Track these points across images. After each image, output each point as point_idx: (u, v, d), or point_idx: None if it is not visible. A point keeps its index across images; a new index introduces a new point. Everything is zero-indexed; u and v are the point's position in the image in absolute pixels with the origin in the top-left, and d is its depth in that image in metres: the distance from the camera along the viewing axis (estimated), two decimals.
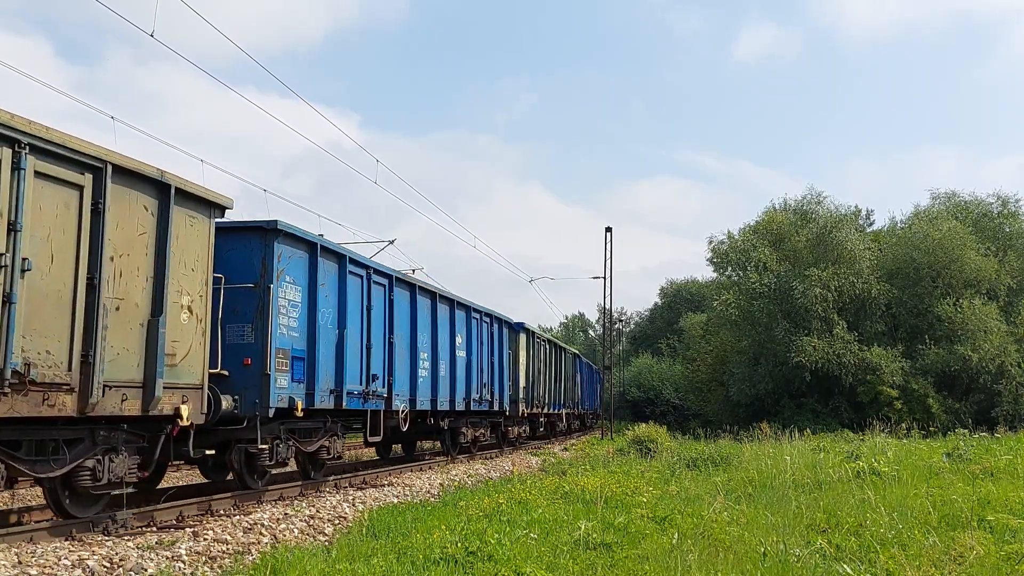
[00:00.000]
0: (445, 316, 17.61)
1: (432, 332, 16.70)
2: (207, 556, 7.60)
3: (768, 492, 11.56)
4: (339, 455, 13.24)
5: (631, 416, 53.77)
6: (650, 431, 22.18)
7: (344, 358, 12.55)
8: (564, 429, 33.77)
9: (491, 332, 20.87)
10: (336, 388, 12.36)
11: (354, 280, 13.20)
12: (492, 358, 20.84)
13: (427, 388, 16.27)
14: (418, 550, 7.43)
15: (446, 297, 17.86)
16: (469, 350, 18.92)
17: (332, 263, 12.54)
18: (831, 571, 6.58)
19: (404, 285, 15.61)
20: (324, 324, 12.05)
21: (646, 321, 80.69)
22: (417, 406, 15.57)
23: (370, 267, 13.88)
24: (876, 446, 17.59)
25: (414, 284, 16.03)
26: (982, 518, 8.77)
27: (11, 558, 6.66)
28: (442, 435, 18.45)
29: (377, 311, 14.01)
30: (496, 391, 20.92)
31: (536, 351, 26.06)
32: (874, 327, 35.13)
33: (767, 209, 40.57)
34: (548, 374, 28.26)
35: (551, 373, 29.01)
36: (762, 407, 35.45)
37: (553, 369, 29.53)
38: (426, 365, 16.20)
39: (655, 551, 7.47)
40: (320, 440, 12.60)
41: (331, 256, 12.55)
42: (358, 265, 13.50)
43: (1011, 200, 38.57)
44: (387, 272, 14.74)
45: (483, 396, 19.74)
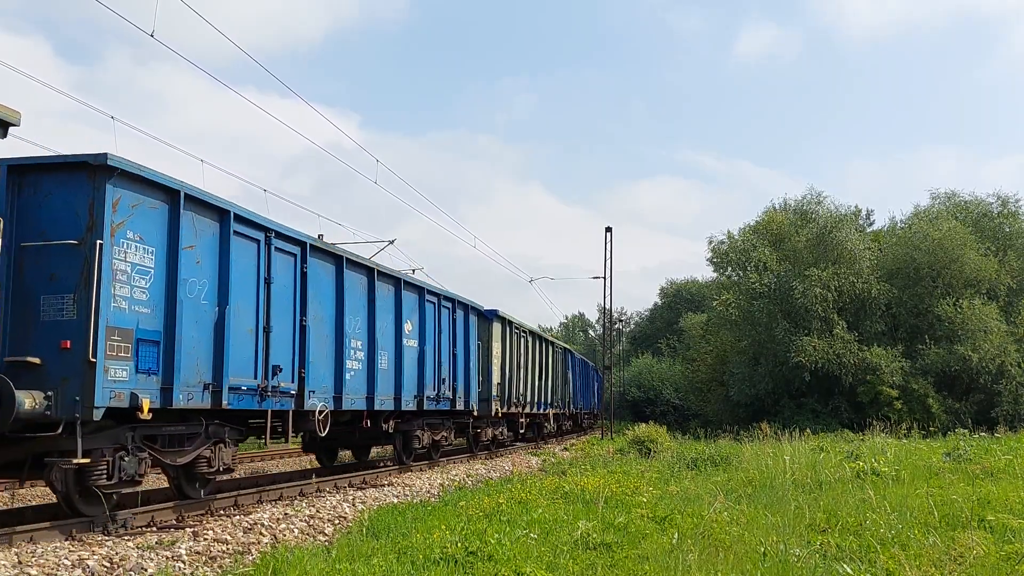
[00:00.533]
0: (388, 298, 14.60)
1: (368, 316, 13.70)
2: (207, 556, 7.60)
3: (768, 492, 11.56)
4: (228, 467, 10.42)
5: (631, 416, 53.80)
6: (650, 431, 22.20)
7: (226, 344, 9.66)
8: (553, 431, 31.13)
9: (453, 319, 17.91)
10: (213, 382, 9.58)
11: (244, 245, 10.25)
12: (455, 350, 17.88)
13: (360, 384, 13.33)
14: (418, 550, 7.43)
15: (389, 275, 14.88)
16: (422, 339, 15.94)
17: (209, 220, 9.64)
18: (831, 571, 6.58)
19: (325, 256, 12.47)
20: (192, 298, 9.28)
21: (646, 321, 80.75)
22: (345, 405, 12.71)
23: (271, 229, 10.79)
24: (876, 446, 17.59)
25: (341, 256, 12.86)
26: (982, 518, 8.77)
27: (11, 558, 6.66)
28: (393, 439, 15.80)
29: (282, 286, 11.04)
30: (461, 388, 18.13)
31: (515, 343, 23.17)
32: (874, 327, 35.13)
33: (767, 209, 40.69)
34: (531, 370, 25.28)
35: (535, 369, 26.03)
36: (762, 407, 35.46)
37: (538, 364, 26.52)
38: (359, 356, 13.29)
39: (655, 551, 7.47)
40: (197, 450, 9.81)
41: (207, 211, 9.62)
42: (251, 225, 10.39)
43: (1011, 200, 38.67)
44: (299, 238, 11.51)
45: (442, 393, 16.88)
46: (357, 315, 13.35)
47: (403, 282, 15.26)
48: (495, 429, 21.81)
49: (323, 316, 12.33)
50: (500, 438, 22.44)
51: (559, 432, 33.50)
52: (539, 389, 26.66)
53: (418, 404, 15.67)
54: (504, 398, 21.57)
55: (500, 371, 21.55)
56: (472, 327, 19.33)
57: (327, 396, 12.32)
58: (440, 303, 17.28)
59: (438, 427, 17.54)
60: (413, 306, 15.74)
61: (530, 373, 25.13)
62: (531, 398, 25.20)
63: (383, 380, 14.17)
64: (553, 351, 29.83)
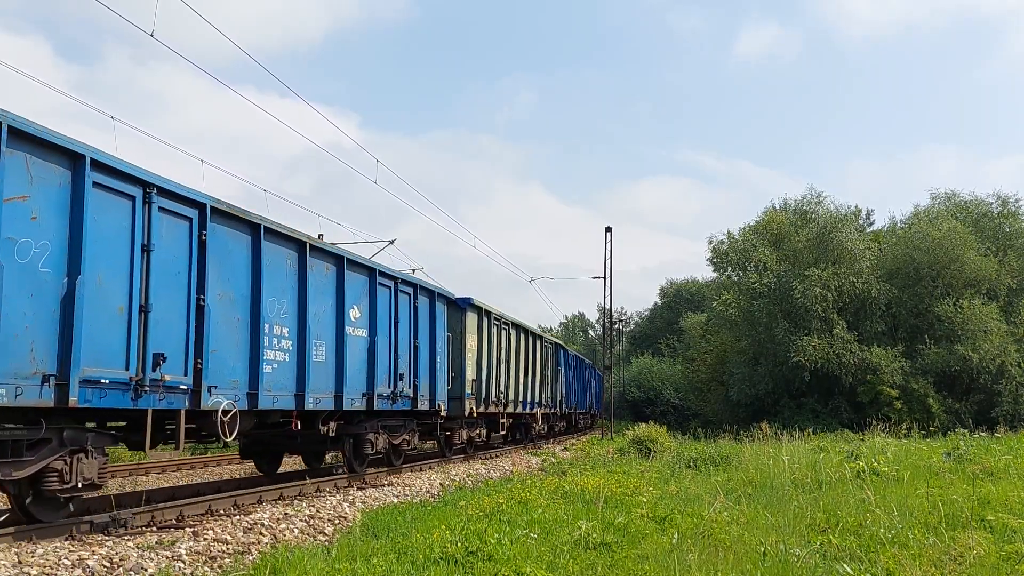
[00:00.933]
0: (326, 279, 12.39)
1: (299, 299, 11.51)
2: (207, 556, 7.60)
3: (768, 492, 11.57)
4: (91, 483, 8.31)
5: (631, 416, 53.84)
6: (650, 431, 22.19)
7: (76, 324, 7.63)
8: (541, 432, 28.75)
9: (414, 307, 15.48)
10: (58, 373, 7.55)
11: (110, 201, 8.24)
12: (416, 342, 15.49)
13: (286, 378, 11.16)
14: (418, 550, 7.43)
15: (327, 252, 12.51)
16: (374, 329, 13.74)
17: (54, 166, 7.63)
18: (831, 571, 6.59)
19: (236, 224, 10.24)
20: (24, 264, 7.25)
21: (646, 321, 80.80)
22: (263, 403, 10.57)
23: (152, 184, 8.75)
24: (876, 446, 17.59)
25: (258, 225, 10.57)
26: (982, 518, 8.77)
27: (11, 558, 6.66)
28: (340, 444, 13.82)
29: (169, 256, 9.05)
30: (425, 385, 15.90)
31: (495, 336, 21.04)
32: (874, 327, 35.15)
33: (767, 209, 40.74)
34: (515, 366, 23.12)
35: (520, 365, 23.87)
36: (762, 407, 35.49)
37: (523, 360, 24.39)
38: (285, 346, 11.16)
39: (655, 551, 7.47)
40: (42, 461, 7.82)
41: (49, 153, 7.58)
42: (119, 177, 8.33)
43: (1011, 200, 38.71)
44: (195, 198, 9.49)
45: (400, 392, 14.68)
46: (282, 297, 11.12)
47: (347, 261, 12.90)
48: (471, 431, 19.96)
49: (232, 296, 10.10)
50: (477, 440, 20.65)
51: (551, 433, 31.67)
52: (525, 387, 24.49)
53: (368, 403, 13.44)
54: (481, 396, 19.57)
55: (475, 366, 19.51)
56: (440, 317, 16.94)
57: (237, 392, 10.10)
58: (397, 288, 14.85)
59: (398, 430, 15.43)
60: (361, 290, 13.55)
61: (513, 369, 22.95)
62: (515, 396, 23.10)
63: (318, 375, 11.93)
64: (542, 346, 27.57)
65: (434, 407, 16.40)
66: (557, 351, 31.29)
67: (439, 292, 17.04)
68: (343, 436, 13.60)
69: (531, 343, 25.50)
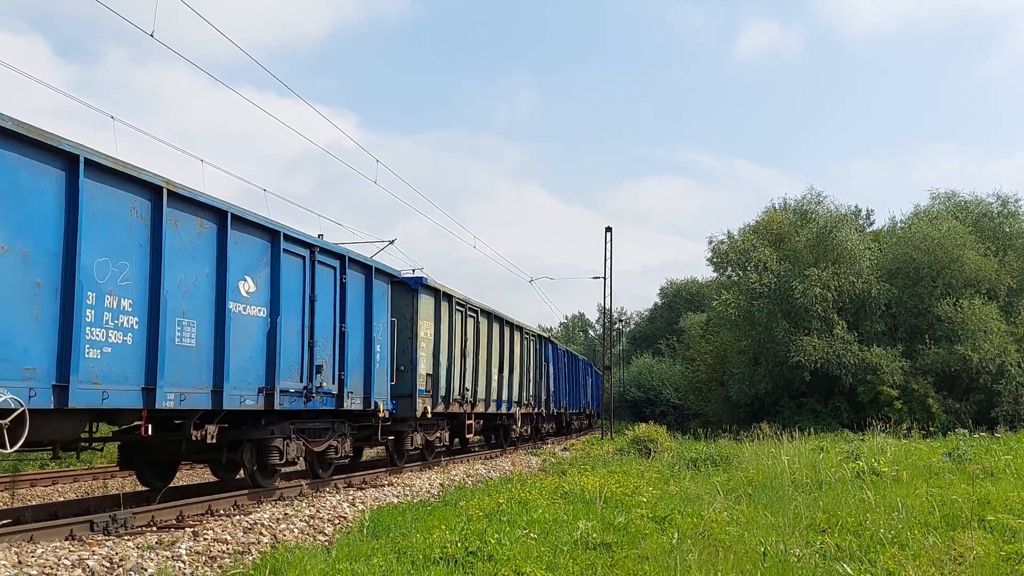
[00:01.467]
0: (200, 239, 9.67)
1: (151, 263, 8.96)
2: (207, 556, 7.60)
3: (768, 492, 11.56)
4: None
5: (631, 416, 53.87)
6: (650, 431, 22.20)
7: None
8: (525, 434, 25.99)
9: (341, 284, 12.75)
10: None
11: None
12: (343, 326, 12.70)
13: (128, 367, 8.61)
14: (418, 550, 7.43)
15: (199, 203, 9.62)
16: (276, 307, 11.01)
17: None
18: (831, 571, 6.58)
19: (36, 152, 7.62)
20: None
21: (646, 321, 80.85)
22: (82, 400, 7.98)
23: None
24: (876, 446, 17.59)
25: (76, 157, 7.95)
26: (982, 518, 8.77)
27: (11, 558, 6.66)
28: (239, 451, 11.12)
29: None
30: (356, 380, 13.20)
31: (458, 325, 18.34)
32: (874, 327, 35.16)
33: (767, 209, 40.74)
34: (487, 360, 20.44)
35: (494, 359, 21.21)
36: (762, 407, 35.50)
37: (499, 354, 21.72)
38: (127, 323, 8.60)
39: (655, 551, 7.47)
40: None
41: None
42: None
43: (1011, 200, 38.71)
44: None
45: (318, 387, 11.97)
46: (122, 258, 8.58)
47: (233, 217, 10.13)
48: (428, 434, 17.28)
49: (25, 251, 7.50)
50: (438, 445, 18.10)
51: (537, 436, 28.92)
52: (500, 384, 21.76)
53: (267, 401, 10.75)
54: (438, 394, 16.96)
55: (431, 358, 16.75)
56: (380, 298, 14.16)
57: (34, 385, 7.53)
58: (315, 258, 12.05)
59: (321, 434, 12.79)
60: (258, 257, 10.74)
61: (484, 363, 20.32)
62: (486, 394, 20.44)
63: (184, 363, 9.26)
64: (522, 338, 24.59)
65: (370, 406, 13.56)
66: (543, 345, 28.42)
67: (379, 268, 14.24)
68: (243, 442, 11.04)
69: (508, 334, 22.65)
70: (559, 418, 33.19)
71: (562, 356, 33.33)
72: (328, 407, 12.51)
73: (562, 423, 34.58)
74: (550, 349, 29.93)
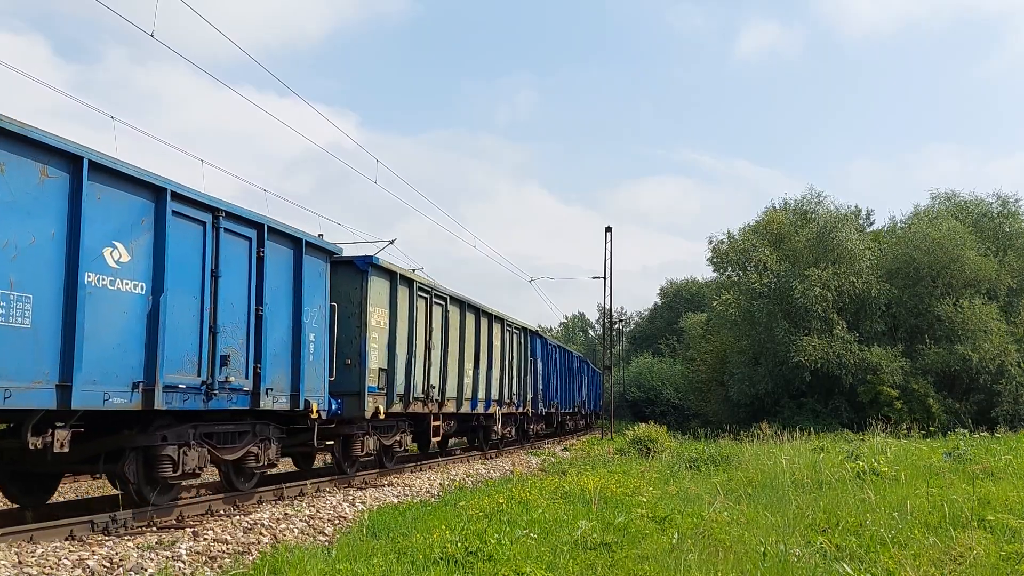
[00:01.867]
0: (38, 193, 7.57)
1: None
2: (207, 556, 7.61)
3: (768, 492, 11.56)
4: None
5: (631, 416, 53.86)
6: (650, 431, 22.20)
7: None
8: (508, 436, 23.53)
9: (258, 258, 10.48)
10: None
11: None
12: (261, 309, 10.47)
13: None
14: (418, 550, 7.43)
15: (40, 144, 7.51)
16: (160, 282, 8.94)
17: None
18: (831, 571, 6.58)
19: None
20: None
21: (646, 321, 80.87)
22: None
23: None
24: (876, 446, 17.59)
25: None
26: (982, 518, 8.77)
27: (11, 558, 6.66)
28: (121, 460, 9.14)
29: None
30: (279, 374, 10.98)
31: (421, 313, 16.08)
32: (874, 327, 35.17)
33: (767, 209, 40.77)
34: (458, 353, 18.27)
35: (468, 353, 19.03)
36: (762, 407, 35.51)
37: (475, 347, 19.57)
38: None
39: (655, 551, 7.47)
40: None
41: None
42: None
43: (1011, 200, 38.74)
44: None
45: (217, 382, 9.71)
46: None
47: (91, 165, 8.03)
48: (384, 437, 15.13)
49: None
50: (397, 450, 16.01)
51: (523, 437, 26.55)
52: (475, 380, 19.57)
53: (146, 399, 8.71)
54: (395, 391, 14.62)
55: (385, 351, 14.47)
56: (314, 278, 12.04)
57: None
58: (219, 224, 9.83)
59: (236, 439, 10.68)
60: (133, 219, 8.72)
61: (455, 358, 18.12)
62: (458, 392, 18.23)
63: (13, 348, 7.25)
64: (504, 331, 22.20)
65: (299, 405, 11.38)
66: (530, 339, 25.90)
67: (312, 242, 11.90)
68: (125, 451, 9.12)
69: (487, 326, 20.54)
70: (549, 418, 30.88)
71: (553, 352, 30.90)
72: (239, 406, 10.23)
73: (553, 423, 32.18)
74: (538, 344, 27.52)
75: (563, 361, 33.37)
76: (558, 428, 33.96)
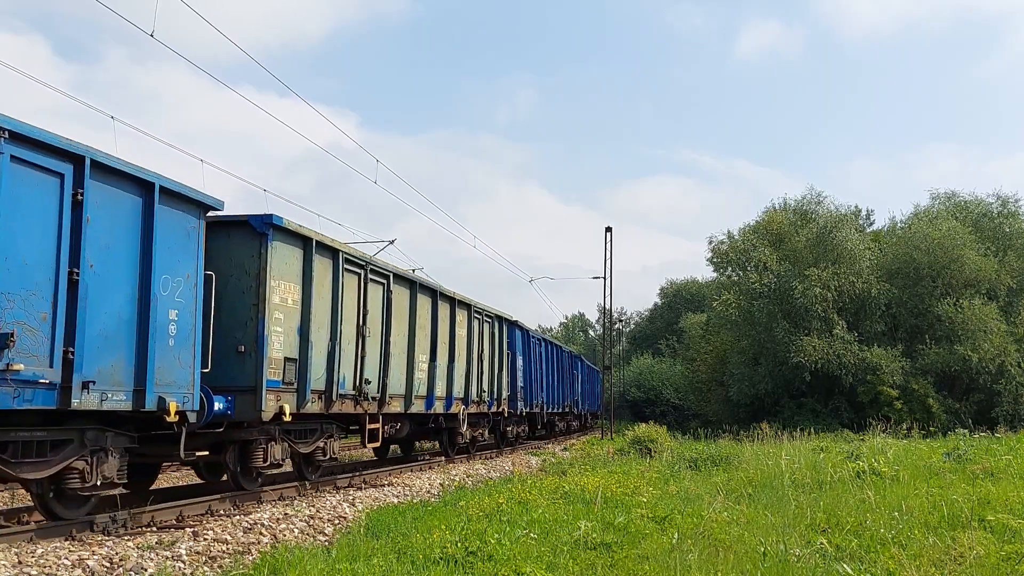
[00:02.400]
0: None
1: None
2: (207, 556, 7.60)
3: (768, 492, 11.56)
4: None
5: (631, 416, 53.87)
6: (650, 431, 22.19)
7: None
8: (479, 439, 20.73)
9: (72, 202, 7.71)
10: None
11: None
12: (74, 272, 7.74)
13: None
14: (418, 550, 7.43)
15: None
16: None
17: None
18: (831, 571, 6.58)
19: None
20: None
21: (646, 321, 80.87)
22: None
23: None
24: (876, 446, 17.59)
25: None
26: (982, 518, 8.77)
27: (11, 558, 6.66)
28: None
29: None
30: (108, 361, 8.20)
31: (349, 290, 13.03)
32: (874, 327, 35.18)
33: (767, 209, 40.80)
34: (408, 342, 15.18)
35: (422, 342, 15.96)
36: (762, 407, 35.51)
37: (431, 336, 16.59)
38: None
39: (655, 551, 7.47)
40: None
41: None
42: None
43: (1011, 200, 38.76)
44: None
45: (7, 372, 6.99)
46: None
47: None
48: (304, 444, 12.27)
49: None
50: (320, 459, 12.98)
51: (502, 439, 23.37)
52: (433, 375, 16.53)
53: None
54: (306, 387, 11.47)
55: (296, 336, 11.40)
56: (180, 238, 9.24)
57: None
58: None
59: (49, 450, 7.96)
60: None
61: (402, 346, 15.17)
62: (408, 389, 15.28)
63: None
64: (471, 319, 19.25)
65: (146, 404, 8.65)
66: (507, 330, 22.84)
67: (169, 188, 9.00)
68: None
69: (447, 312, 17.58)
70: (532, 418, 27.34)
71: (536, 345, 27.21)
72: (36, 405, 7.36)
73: (537, 424, 28.57)
74: (517, 335, 24.11)
75: (552, 357, 30.02)
76: (544, 429, 30.41)
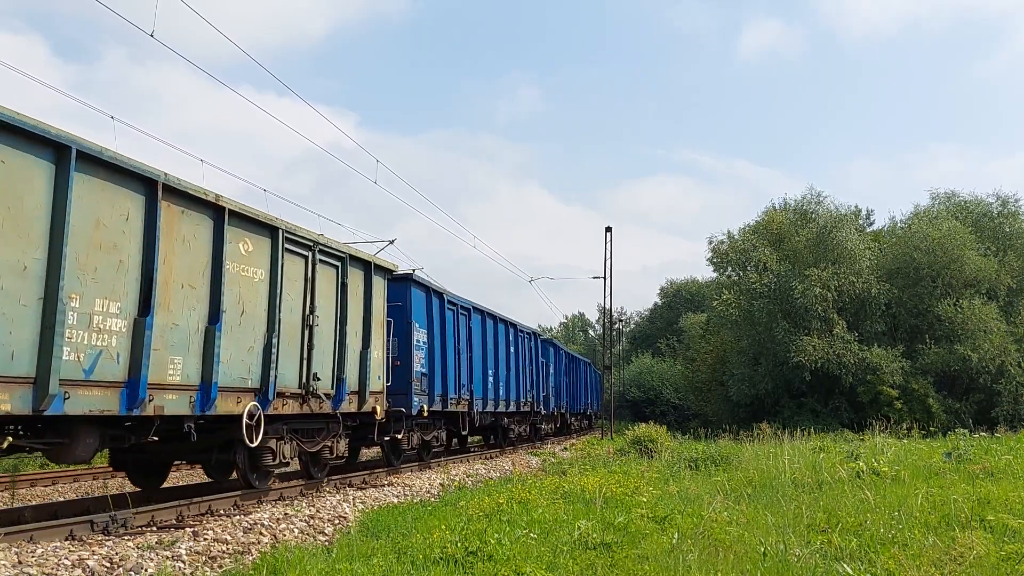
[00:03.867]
0: None
1: None
2: (207, 556, 7.60)
3: (768, 492, 11.56)
4: None
5: (631, 416, 53.88)
6: (650, 431, 22.20)
7: None
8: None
9: None
10: None
11: None
12: None
13: None
14: (418, 550, 7.42)
15: None
16: None
17: None
18: (831, 571, 6.58)
19: None
20: None
21: (646, 321, 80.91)
22: None
23: None
24: (876, 446, 17.59)
25: None
26: (982, 518, 8.76)
27: (11, 558, 6.66)
28: None
29: None
30: None
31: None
32: (874, 327, 35.18)
33: (767, 209, 40.83)
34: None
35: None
36: (762, 407, 35.52)
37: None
38: None
39: (655, 551, 7.47)
40: None
41: None
42: None
43: (1011, 200, 38.77)
44: None
45: None
46: None
47: None
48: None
49: None
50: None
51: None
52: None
53: None
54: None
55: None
56: None
57: None
58: None
59: None
60: None
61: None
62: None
63: None
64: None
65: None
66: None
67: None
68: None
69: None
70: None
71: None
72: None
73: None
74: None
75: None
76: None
